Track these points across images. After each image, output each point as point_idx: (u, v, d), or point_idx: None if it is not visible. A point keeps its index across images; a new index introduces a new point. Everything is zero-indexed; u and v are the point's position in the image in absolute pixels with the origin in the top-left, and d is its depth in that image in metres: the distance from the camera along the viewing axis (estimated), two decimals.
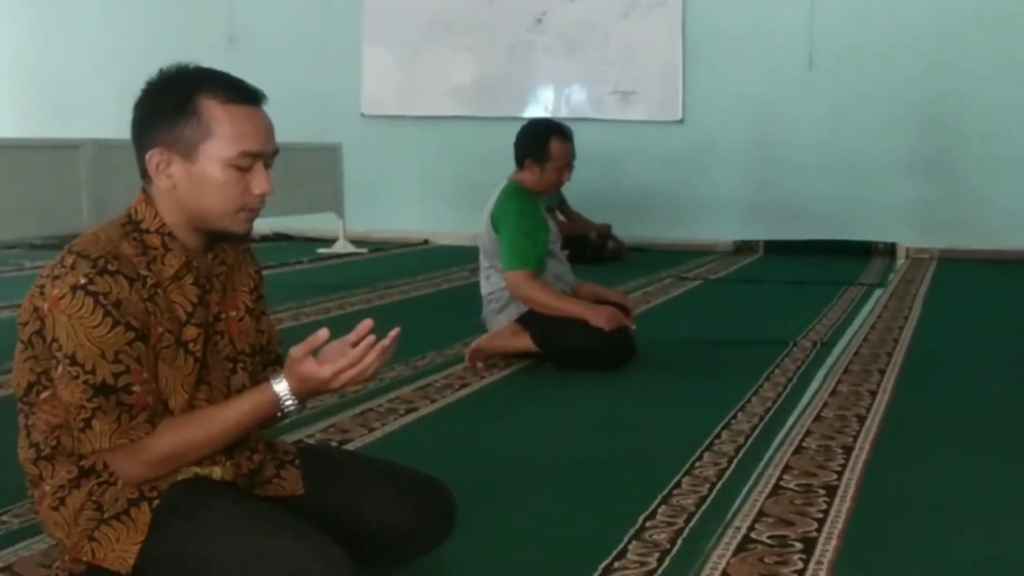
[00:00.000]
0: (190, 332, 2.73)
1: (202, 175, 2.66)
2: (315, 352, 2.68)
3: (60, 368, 2.56)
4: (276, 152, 2.76)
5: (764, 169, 12.73)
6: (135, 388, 2.59)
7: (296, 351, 2.68)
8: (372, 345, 2.67)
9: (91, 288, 2.53)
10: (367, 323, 2.67)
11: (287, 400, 2.70)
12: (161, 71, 2.73)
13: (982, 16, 11.99)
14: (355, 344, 2.66)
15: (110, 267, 2.57)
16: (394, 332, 2.72)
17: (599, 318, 5.88)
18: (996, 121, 12.09)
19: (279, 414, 2.75)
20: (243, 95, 2.72)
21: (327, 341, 2.68)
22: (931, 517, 3.68)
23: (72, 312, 2.53)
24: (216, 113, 2.66)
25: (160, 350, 2.66)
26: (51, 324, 2.56)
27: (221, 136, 2.66)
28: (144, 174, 2.73)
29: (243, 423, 2.71)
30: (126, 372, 2.57)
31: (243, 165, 2.68)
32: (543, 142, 6.07)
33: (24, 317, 2.66)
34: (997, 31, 11.99)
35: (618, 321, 5.94)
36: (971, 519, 3.67)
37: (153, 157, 2.68)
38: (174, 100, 2.67)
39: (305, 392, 2.72)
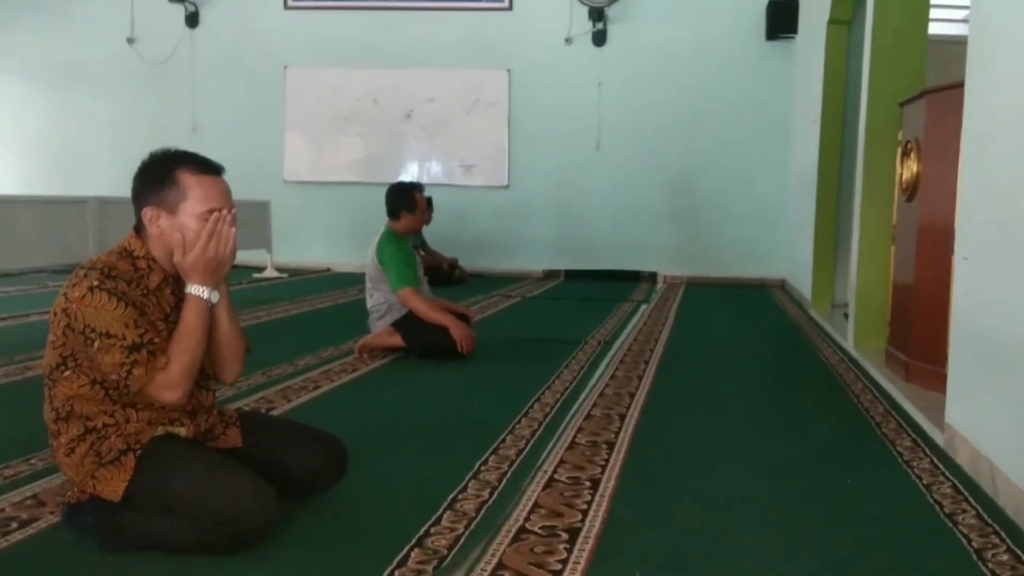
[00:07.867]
0: (169, 327, 2.76)
1: (181, 225, 2.70)
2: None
3: (97, 343, 2.57)
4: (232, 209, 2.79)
5: (565, 219, 12.84)
6: (155, 340, 2.63)
7: (176, 257, 2.71)
8: (220, 218, 2.71)
9: (102, 287, 2.57)
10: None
11: (200, 291, 2.73)
12: (152, 153, 2.75)
13: (715, 114, 12.41)
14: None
15: (112, 274, 2.62)
16: (233, 211, 2.75)
17: (457, 332, 5.96)
18: (724, 187, 12.47)
19: (208, 303, 2.75)
20: (210, 168, 2.75)
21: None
22: (683, 464, 3.72)
23: (96, 305, 2.55)
24: (191, 182, 2.69)
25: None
26: (80, 318, 2.57)
27: (194, 198, 2.69)
28: (140, 224, 2.75)
29: (200, 323, 2.72)
30: (146, 332, 2.61)
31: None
32: (411, 196, 6.15)
33: (54, 317, 2.65)
34: (725, 126, 12.42)
35: (469, 339, 6.00)
36: (712, 465, 3.73)
37: (147, 213, 2.71)
38: (161, 173, 2.70)
39: (206, 277, 2.73)
